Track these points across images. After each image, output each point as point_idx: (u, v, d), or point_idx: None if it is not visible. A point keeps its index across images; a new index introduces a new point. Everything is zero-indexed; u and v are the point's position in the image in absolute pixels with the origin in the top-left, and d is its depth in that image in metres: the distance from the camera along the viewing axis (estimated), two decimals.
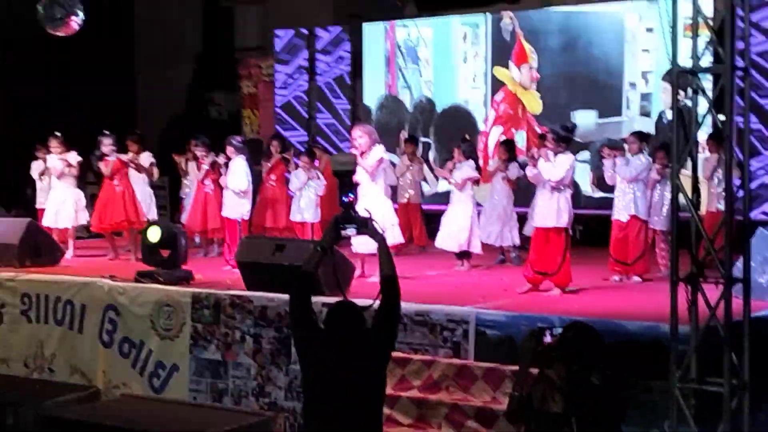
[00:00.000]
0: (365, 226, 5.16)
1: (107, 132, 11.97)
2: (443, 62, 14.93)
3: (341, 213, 5.17)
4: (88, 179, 16.98)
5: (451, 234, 10.80)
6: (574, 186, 12.87)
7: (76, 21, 10.97)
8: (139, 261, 10.25)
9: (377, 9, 17.25)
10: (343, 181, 5.40)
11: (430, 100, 15.09)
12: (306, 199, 11.58)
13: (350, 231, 5.13)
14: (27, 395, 8.94)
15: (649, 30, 12.99)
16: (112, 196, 11.72)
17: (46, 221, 11.77)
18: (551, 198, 9.12)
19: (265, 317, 8.56)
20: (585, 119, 13.61)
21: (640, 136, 10.36)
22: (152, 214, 12.35)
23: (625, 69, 13.38)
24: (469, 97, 14.70)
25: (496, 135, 14.20)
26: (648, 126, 12.74)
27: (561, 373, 4.81)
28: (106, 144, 11.77)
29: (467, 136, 12.08)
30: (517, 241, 11.20)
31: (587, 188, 13.15)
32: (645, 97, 13.24)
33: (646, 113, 13.19)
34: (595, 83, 13.59)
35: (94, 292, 9.53)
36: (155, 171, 12.40)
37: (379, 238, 5.17)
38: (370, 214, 5.24)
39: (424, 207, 13.01)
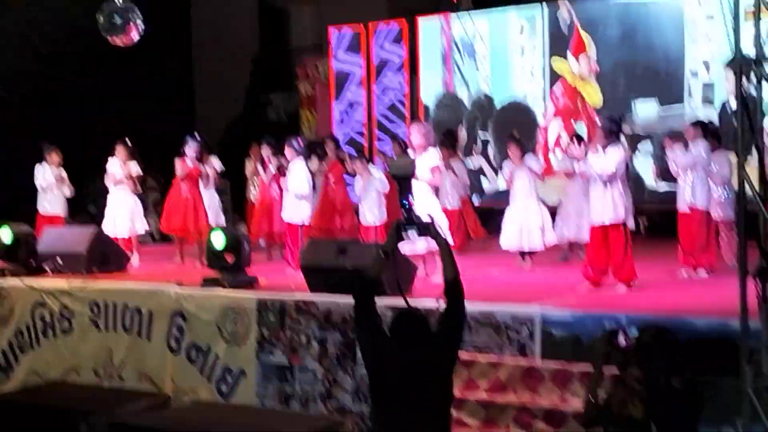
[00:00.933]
0: (427, 229, 5.15)
1: (197, 135, 12.02)
2: (500, 56, 14.84)
3: (402, 216, 5.16)
4: (149, 184, 17.26)
5: (517, 233, 10.71)
6: (637, 179, 12.80)
7: (137, 29, 11.07)
8: (204, 267, 10.33)
9: (432, 3, 17.19)
10: (403, 185, 5.38)
11: (488, 95, 15.00)
12: (369, 202, 11.55)
13: (412, 234, 5.12)
14: (98, 404, 9.04)
15: (710, 17, 12.77)
16: (180, 201, 11.81)
17: (106, 229, 11.90)
18: (605, 192, 8.94)
19: (330, 320, 8.58)
20: (646, 109, 13.43)
21: (700, 125, 10.18)
22: (219, 219, 12.46)
23: (685, 57, 13.18)
24: (527, 91, 14.59)
25: (555, 128, 14.09)
26: (711, 115, 12.53)
27: (639, 377, 4.73)
28: (191, 147, 11.82)
29: (515, 133, 11.93)
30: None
31: (651, 181, 12.97)
32: (707, 85, 13.02)
33: (708, 101, 12.97)
34: (656, 72, 13.40)
35: (162, 298, 9.62)
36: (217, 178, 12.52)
37: (441, 239, 5.16)
38: (431, 216, 5.23)
39: (484, 205, 12.92)
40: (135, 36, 11.20)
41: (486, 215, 13.10)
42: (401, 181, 5.39)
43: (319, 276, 9.03)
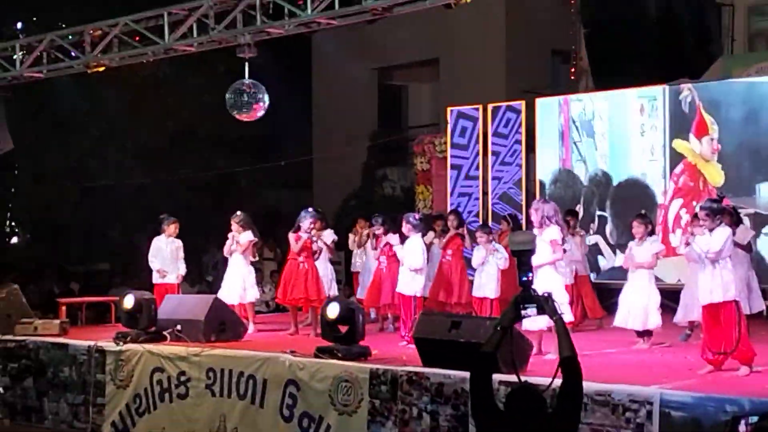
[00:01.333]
0: (545, 306, 5.11)
1: (312, 210, 12.28)
2: (619, 135, 14.74)
3: (521, 293, 5.13)
4: (265, 255, 17.63)
5: (632, 312, 10.53)
6: (761, 261, 12.45)
7: (261, 107, 11.53)
8: (318, 336, 10.42)
9: (551, 85, 17.31)
10: (522, 260, 5.36)
11: (606, 173, 14.88)
12: (486, 275, 11.51)
13: (530, 311, 5.08)
14: None
15: None
16: (296, 273, 11.97)
17: (220, 296, 12.13)
18: (714, 272, 8.74)
19: (441, 394, 8.52)
20: None
21: None
22: (333, 290, 12.61)
23: None
24: (646, 170, 14.42)
25: (676, 207, 13.86)
26: None
27: None
28: (307, 221, 12.06)
29: (644, 212, 11.80)
30: None
31: None
32: None
33: None
34: None
35: (276, 367, 9.72)
36: (333, 249, 12.70)
37: (558, 318, 5.11)
38: (550, 294, 5.19)
39: (600, 281, 12.74)
40: (260, 113, 11.66)
41: (602, 293, 12.91)
42: (521, 256, 5.37)
43: (431, 348, 9.01)
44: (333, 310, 9.82)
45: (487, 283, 11.44)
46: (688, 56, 15.82)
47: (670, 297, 11.24)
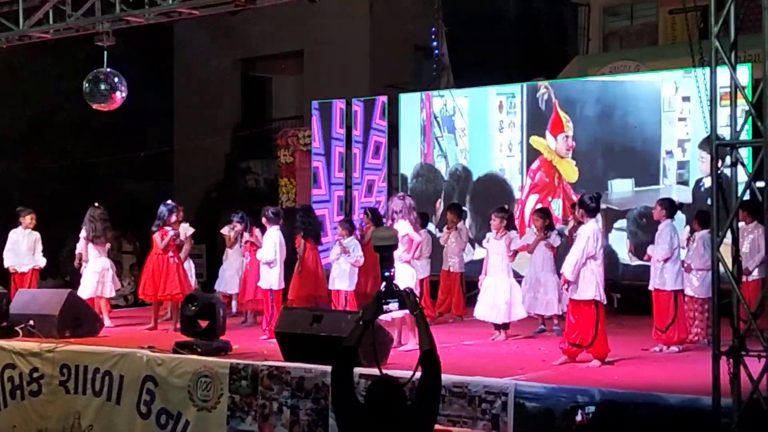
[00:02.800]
0: (406, 301, 5.17)
1: (170, 203, 12.02)
2: (479, 131, 15.03)
3: (383, 288, 5.18)
4: (124, 249, 17.26)
5: (493, 305, 10.77)
6: (612, 254, 12.90)
7: (120, 96, 11.28)
8: (178, 332, 10.28)
9: (414, 80, 17.50)
10: (383, 256, 5.40)
11: (466, 168, 15.16)
12: (339, 269, 11.57)
13: (392, 306, 5.14)
14: None
15: (686, 99, 13.01)
16: (166, 269, 11.75)
17: (79, 291, 11.87)
18: (583, 271, 9.06)
19: (302, 388, 8.52)
20: (622, 187, 13.60)
21: (668, 203, 10.29)
22: (193, 284, 12.46)
23: (662, 137, 13.39)
24: (504, 165, 14.76)
25: (532, 203, 14.21)
26: (686, 194, 12.70)
27: None
28: (171, 217, 11.83)
29: (506, 207, 12.08)
30: (557, 311, 11.08)
31: (624, 256, 13.08)
32: (682, 165, 13.22)
33: (683, 182, 13.16)
34: (632, 151, 13.59)
35: (133, 362, 9.56)
36: (191, 243, 12.55)
37: (418, 312, 5.18)
38: (411, 289, 5.26)
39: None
40: (118, 103, 11.40)
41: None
42: (383, 252, 5.41)
43: (293, 343, 9.00)
44: (192, 305, 9.71)
45: (339, 277, 11.50)
46: (545, 55, 16.23)
47: None
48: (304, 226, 11.82)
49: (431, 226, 13.83)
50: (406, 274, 9.55)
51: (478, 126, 15.05)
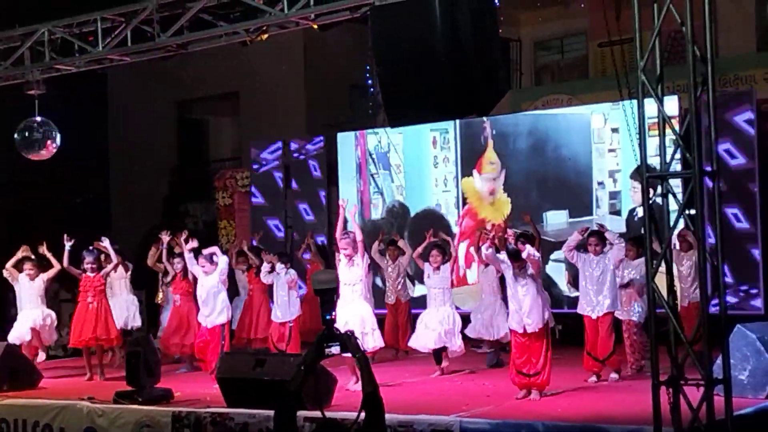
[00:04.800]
0: (348, 344, 5.20)
1: (92, 248, 11.96)
2: (415, 167, 15.13)
3: (324, 332, 5.21)
4: (62, 297, 16.97)
5: (426, 333, 10.84)
6: (551, 286, 13.03)
7: (53, 144, 11.20)
8: (106, 381, 10.15)
9: (350, 119, 17.57)
10: (324, 299, 5.44)
11: (403, 203, 15.25)
12: (281, 300, 11.84)
13: (334, 349, 5.18)
14: None
15: (615, 130, 13.25)
16: (85, 314, 11.65)
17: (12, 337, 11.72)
18: (525, 298, 9.23)
19: None
20: (557, 219, 13.77)
21: (638, 241, 10.25)
22: (136, 321, 12.42)
23: (593, 168, 13.61)
24: (441, 200, 14.88)
25: (464, 249, 14.32)
26: (619, 224, 12.90)
27: None
28: (87, 261, 11.74)
29: (442, 241, 12.16)
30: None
31: (563, 287, 13.23)
32: (614, 195, 13.44)
33: (615, 212, 13.36)
34: (566, 183, 13.79)
35: (73, 415, 9.42)
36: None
37: (360, 355, 5.22)
38: (352, 332, 5.29)
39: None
40: (51, 152, 11.32)
41: None
42: (323, 295, 5.44)
43: (236, 388, 8.93)
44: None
45: (281, 306, 11.80)
46: (477, 91, 16.37)
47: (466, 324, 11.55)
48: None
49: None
50: (363, 308, 9.72)
51: (413, 162, 15.15)
